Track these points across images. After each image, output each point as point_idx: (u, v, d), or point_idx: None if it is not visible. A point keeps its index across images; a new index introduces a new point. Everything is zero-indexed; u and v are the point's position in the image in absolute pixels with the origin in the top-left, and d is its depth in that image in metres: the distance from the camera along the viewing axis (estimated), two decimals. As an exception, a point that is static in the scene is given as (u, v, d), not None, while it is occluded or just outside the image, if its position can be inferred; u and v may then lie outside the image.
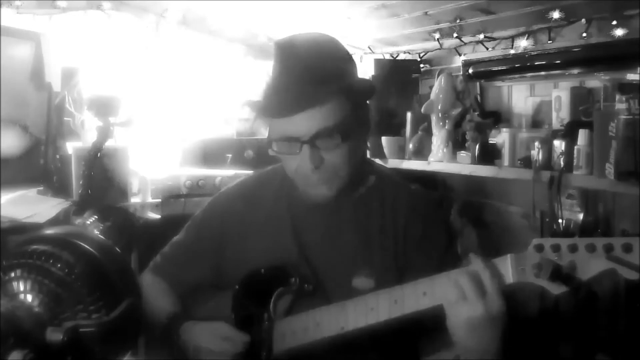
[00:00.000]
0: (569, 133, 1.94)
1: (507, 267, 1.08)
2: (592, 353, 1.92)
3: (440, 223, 1.45)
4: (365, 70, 2.73)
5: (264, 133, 1.90)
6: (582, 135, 1.87)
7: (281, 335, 1.29)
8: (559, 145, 1.95)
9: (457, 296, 1.08)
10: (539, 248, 1.06)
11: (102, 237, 0.99)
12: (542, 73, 2.30)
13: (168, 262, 1.50)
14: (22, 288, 0.80)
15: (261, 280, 1.34)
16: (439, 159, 2.44)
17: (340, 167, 1.27)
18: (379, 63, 2.75)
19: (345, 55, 1.31)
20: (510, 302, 1.08)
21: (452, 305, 1.09)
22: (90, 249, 0.83)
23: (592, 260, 1.03)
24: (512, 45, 2.30)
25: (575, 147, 1.88)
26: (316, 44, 1.27)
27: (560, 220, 2.04)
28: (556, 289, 1.04)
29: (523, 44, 2.27)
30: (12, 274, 0.81)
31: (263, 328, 1.30)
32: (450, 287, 1.09)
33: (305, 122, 1.22)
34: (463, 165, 2.33)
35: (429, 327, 1.18)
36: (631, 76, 1.86)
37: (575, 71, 2.20)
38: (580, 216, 2.08)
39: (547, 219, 2.09)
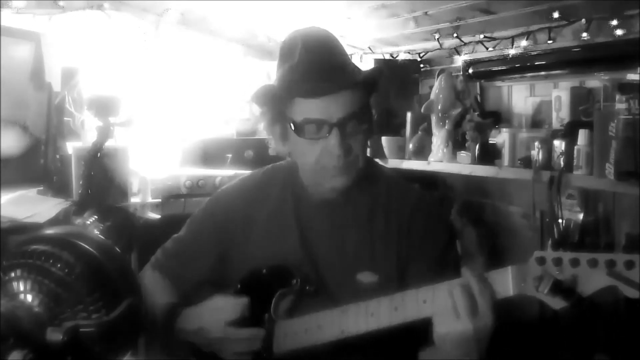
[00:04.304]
0: (569, 133, 1.94)
1: (508, 280, 1.07)
2: (591, 355, 1.92)
3: (442, 221, 1.46)
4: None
5: (263, 133, 1.89)
6: (582, 135, 1.86)
7: (282, 335, 1.29)
8: (559, 145, 1.95)
9: (451, 310, 1.07)
10: (541, 261, 1.05)
11: (102, 237, 0.99)
12: (542, 73, 2.29)
13: (168, 258, 1.50)
14: (22, 288, 0.80)
15: (263, 281, 1.35)
16: (439, 159, 2.44)
17: (359, 157, 1.29)
18: (378, 63, 2.74)
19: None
20: (506, 308, 1.08)
21: (445, 318, 1.08)
22: (90, 249, 0.83)
23: (594, 275, 1.02)
24: (512, 45, 2.30)
25: (575, 147, 1.88)
26: (330, 35, 1.31)
27: (560, 220, 2.04)
28: (556, 304, 1.03)
29: (523, 44, 2.27)
30: (12, 274, 0.81)
31: (264, 328, 1.31)
32: (447, 298, 1.09)
33: (336, 105, 1.22)
34: (463, 165, 2.33)
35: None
36: (631, 76, 1.85)
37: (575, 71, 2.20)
38: (580, 216, 2.08)
39: (547, 219, 2.09)
